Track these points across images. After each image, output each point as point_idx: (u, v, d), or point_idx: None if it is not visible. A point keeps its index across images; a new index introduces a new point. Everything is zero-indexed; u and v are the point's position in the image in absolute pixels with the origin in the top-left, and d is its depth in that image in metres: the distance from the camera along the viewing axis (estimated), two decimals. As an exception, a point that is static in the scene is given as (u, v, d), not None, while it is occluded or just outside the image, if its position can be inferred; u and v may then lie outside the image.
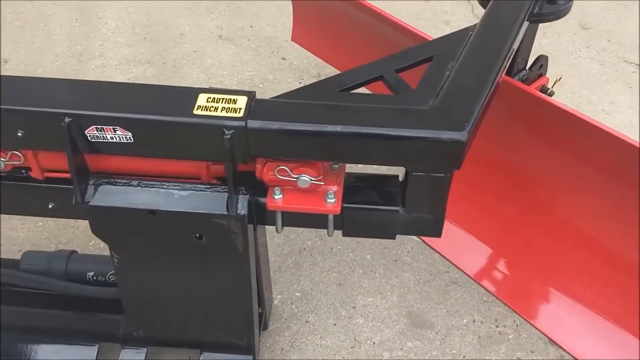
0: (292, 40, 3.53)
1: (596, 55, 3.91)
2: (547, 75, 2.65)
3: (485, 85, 1.60)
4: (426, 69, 1.69)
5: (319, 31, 3.33)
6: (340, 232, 1.72)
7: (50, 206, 1.75)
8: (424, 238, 2.69)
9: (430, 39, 2.09)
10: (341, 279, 2.56)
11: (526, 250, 2.50)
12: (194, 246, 1.69)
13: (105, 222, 1.68)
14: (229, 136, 1.47)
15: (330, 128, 1.48)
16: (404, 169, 1.61)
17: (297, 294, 2.50)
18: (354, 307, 2.46)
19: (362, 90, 1.73)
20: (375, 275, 2.58)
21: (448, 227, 1.68)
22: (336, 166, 1.67)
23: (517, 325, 2.39)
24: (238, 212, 1.60)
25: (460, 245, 2.62)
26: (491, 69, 1.65)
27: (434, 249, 2.66)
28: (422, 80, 1.65)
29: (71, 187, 1.61)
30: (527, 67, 2.52)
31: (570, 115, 2.05)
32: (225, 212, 1.60)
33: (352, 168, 1.69)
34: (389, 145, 1.51)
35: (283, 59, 3.82)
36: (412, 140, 1.49)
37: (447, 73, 1.65)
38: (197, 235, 1.66)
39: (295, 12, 3.44)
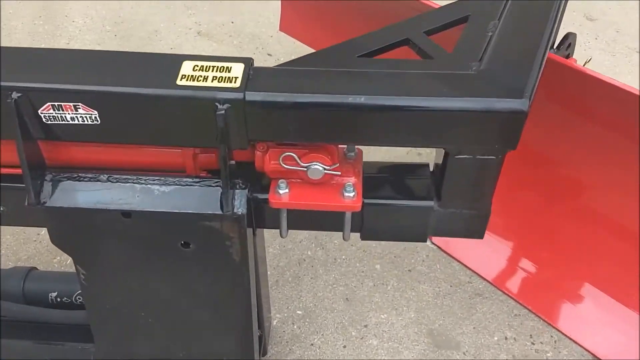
0: (280, 30, 3.31)
1: (606, 46, 3.83)
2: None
3: (540, 45, 1.36)
4: (463, 30, 1.47)
5: (311, 17, 3.11)
6: (343, 239, 1.52)
7: (-2, 211, 1.54)
8: (440, 243, 2.50)
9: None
10: (349, 294, 2.37)
11: (561, 251, 2.29)
12: (179, 256, 1.48)
13: (67, 228, 1.46)
14: (223, 112, 1.23)
15: (351, 99, 1.24)
16: (438, 155, 1.41)
17: (299, 312, 2.32)
18: (365, 326, 2.27)
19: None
20: (387, 288, 2.39)
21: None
22: (352, 154, 1.46)
23: (555, 342, 2.21)
24: (235, 211, 1.38)
25: (482, 249, 2.41)
26: (544, 27, 1.42)
27: (452, 256, 2.50)
28: (459, 42, 1.42)
29: (23, 185, 1.38)
30: (555, 46, 2.27)
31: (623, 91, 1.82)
32: (219, 212, 1.38)
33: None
34: (428, 120, 1.26)
35: (269, 55, 3.68)
36: (457, 113, 1.25)
37: (489, 34, 1.42)
38: (183, 242, 1.45)
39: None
